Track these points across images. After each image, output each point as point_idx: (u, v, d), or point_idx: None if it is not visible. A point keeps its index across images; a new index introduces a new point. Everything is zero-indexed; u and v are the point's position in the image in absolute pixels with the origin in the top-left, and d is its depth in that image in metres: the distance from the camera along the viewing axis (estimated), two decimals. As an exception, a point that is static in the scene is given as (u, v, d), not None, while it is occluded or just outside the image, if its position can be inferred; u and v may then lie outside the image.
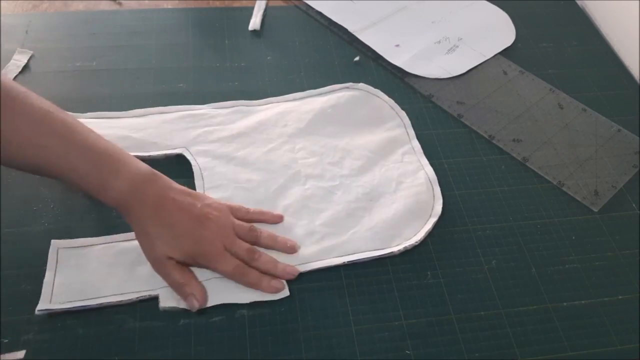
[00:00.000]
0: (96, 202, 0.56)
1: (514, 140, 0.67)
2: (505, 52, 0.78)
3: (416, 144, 0.65)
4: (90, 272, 0.51)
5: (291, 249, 0.54)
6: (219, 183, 0.59)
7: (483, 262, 0.56)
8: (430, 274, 0.55)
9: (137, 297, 0.50)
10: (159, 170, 0.51)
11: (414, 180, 0.61)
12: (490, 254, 0.57)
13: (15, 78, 0.67)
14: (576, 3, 0.88)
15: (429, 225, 0.57)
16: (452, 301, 0.53)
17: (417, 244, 0.56)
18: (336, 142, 0.64)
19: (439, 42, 0.79)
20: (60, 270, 0.51)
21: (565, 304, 0.54)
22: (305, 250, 0.54)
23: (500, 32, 0.82)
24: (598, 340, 0.52)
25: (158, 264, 0.50)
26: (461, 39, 0.79)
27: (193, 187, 0.58)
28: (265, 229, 0.55)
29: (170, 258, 0.49)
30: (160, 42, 0.74)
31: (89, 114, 0.64)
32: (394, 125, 0.66)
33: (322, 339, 0.50)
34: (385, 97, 0.69)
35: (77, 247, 0.53)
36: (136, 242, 0.51)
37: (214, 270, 0.51)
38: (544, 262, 0.57)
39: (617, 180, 0.64)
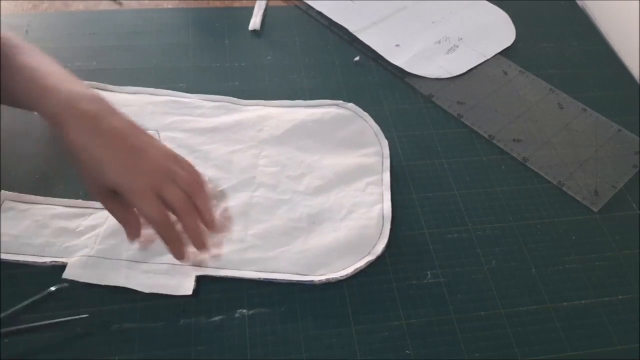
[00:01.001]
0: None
1: (514, 140, 0.67)
2: (505, 52, 0.78)
3: (387, 177, 0.62)
4: (21, 228, 0.53)
5: (214, 226, 0.50)
6: None
7: (483, 262, 0.56)
8: (430, 274, 0.55)
9: (51, 262, 0.51)
10: None
11: (366, 213, 0.58)
12: (490, 254, 0.57)
13: (15, 78, 0.68)
14: (576, 3, 0.88)
15: (361, 263, 0.54)
16: (452, 301, 0.53)
17: (342, 278, 0.53)
18: (304, 157, 0.62)
19: (439, 42, 0.79)
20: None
21: (565, 304, 0.54)
22: (226, 256, 0.53)
23: (500, 32, 0.82)
24: (598, 340, 0.52)
25: (92, 190, 0.47)
26: (461, 39, 0.79)
27: None
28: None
29: (102, 186, 0.46)
30: (160, 42, 0.74)
31: (85, 82, 0.65)
32: (371, 153, 0.64)
33: (322, 339, 0.50)
34: (372, 122, 0.67)
35: (22, 202, 0.55)
36: (72, 210, 0.53)
37: (138, 210, 0.46)
38: (544, 262, 0.57)
39: (617, 180, 0.64)
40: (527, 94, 0.73)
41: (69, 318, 0.48)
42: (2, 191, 0.55)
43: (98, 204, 0.54)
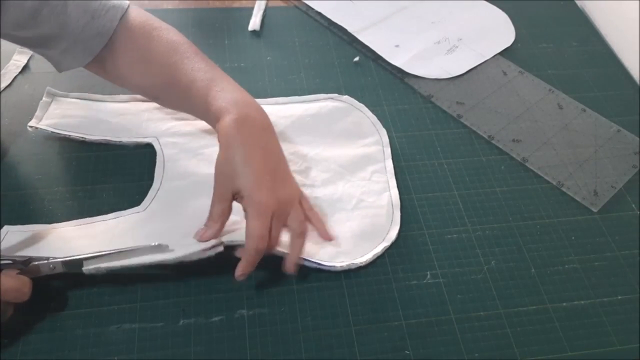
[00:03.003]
0: (91, 204, 0.57)
1: (513, 140, 0.67)
2: (504, 53, 0.79)
3: (389, 164, 0.63)
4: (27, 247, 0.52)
5: (333, 238, 0.55)
6: (179, 175, 0.59)
7: (483, 262, 0.56)
8: (430, 274, 0.55)
9: (62, 260, 0.49)
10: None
11: (376, 201, 0.59)
12: (489, 254, 0.57)
13: (15, 78, 0.67)
14: (576, 3, 0.88)
15: (378, 249, 0.55)
16: (452, 301, 0.53)
17: (362, 264, 0.54)
18: (307, 151, 0.63)
19: (439, 42, 0.79)
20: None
21: (564, 304, 0.54)
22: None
23: (499, 33, 0.82)
24: (598, 340, 0.52)
25: (221, 187, 0.50)
26: (461, 39, 0.79)
27: (153, 175, 0.59)
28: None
29: (229, 187, 0.49)
30: (160, 42, 0.74)
31: (74, 94, 0.65)
32: (371, 142, 0.65)
33: (322, 339, 0.50)
34: (369, 112, 0.68)
35: (25, 232, 0.53)
36: (77, 228, 0.53)
37: (249, 221, 0.49)
38: (543, 263, 0.57)
39: (617, 181, 0.64)
40: (526, 94, 0.73)
41: (144, 245, 0.49)
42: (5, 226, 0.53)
43: (105, 216, 0.55)
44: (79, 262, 0.48)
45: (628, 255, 0.58)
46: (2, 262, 0.47)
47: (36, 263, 0.48)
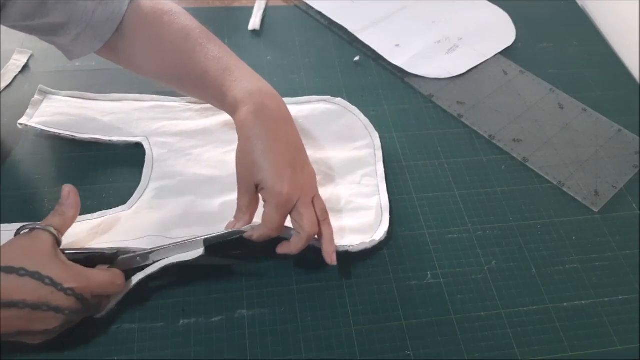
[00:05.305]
0: (91, 201, 0.57)
1: (514, 140, 0.67)
2: (505, 52, 0.78)
3: (380, 167, 0.62)
4: None
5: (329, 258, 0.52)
6: (167, 175, 0.58)
7: (483, 262, 0.56)
8: (430, 274, 0.55)
9: None
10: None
11: (365, 203, 0.59)
12: (490, 254, 0.57)
13: (15, 78, 0.67)
14: (576, 3, 0.88)
15: (366, 240, 0.55)
16: (452, 301, 0.53)
17: (350, 249, 0.53)
18: None
19: (439, 42, 0.79)
20: None
21: (565, 304, 0.54)
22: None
23: (500, 32, 0.82)
24: (598, 340, 0.52)
25: (243, 180, 0.50)
26: (461, 38, 0.79)
27: (140, 175, 0.58)
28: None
29: (250, 178, 0.49)
30: (160, 42, 0.74)
31: (65, 92, 0.65)
32: (362, 145, 0.64)
33: (322, 339, 0.50)
34: (361, 115, 0.67)
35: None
36: None
37: (298, 215, 0.49)
38: (544, 263, 0.57)
39: (618, 181, 0.64)
40: (527, 94, 0.73)
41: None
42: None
43: (92, 215, 0.55)
44: (147, 256, 0.49)
45: (629, 255, 0.58)
46: (91, 253, 0.48)
47: (124, 257, 0.49)
